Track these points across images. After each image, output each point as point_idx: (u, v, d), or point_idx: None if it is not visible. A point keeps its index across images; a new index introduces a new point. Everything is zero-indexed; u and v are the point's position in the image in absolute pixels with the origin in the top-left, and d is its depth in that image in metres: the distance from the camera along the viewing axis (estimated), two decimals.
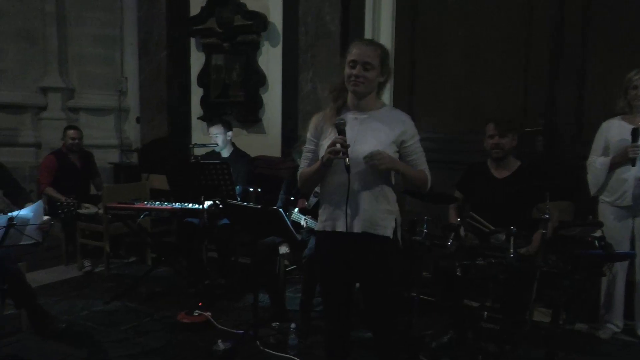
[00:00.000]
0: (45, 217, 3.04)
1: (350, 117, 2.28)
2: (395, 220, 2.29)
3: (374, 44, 2.26)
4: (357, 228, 2.24)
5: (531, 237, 3.00)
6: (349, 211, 2.22)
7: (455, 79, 4.66)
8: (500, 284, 2.70)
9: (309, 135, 2.42)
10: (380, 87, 2.29)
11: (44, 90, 6.31)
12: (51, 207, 3.50)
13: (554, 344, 2.75)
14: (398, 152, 2.26)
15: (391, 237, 2.26)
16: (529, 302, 2.65)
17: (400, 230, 2.32)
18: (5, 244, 2.86)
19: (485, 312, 2.69)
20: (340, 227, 2.26)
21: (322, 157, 2.22)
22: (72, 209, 3.49)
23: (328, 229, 2.31)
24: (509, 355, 2.71)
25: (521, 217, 3.04)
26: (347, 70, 2.24)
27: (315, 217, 3.60)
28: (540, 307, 3.36)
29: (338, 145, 2.14)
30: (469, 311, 2.99)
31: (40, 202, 3.06)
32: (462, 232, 2.98)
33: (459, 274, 2.75)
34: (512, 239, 2.66)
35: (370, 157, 2.16)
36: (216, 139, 4.45)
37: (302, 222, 3.66)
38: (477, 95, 4.57)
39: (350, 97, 2.31)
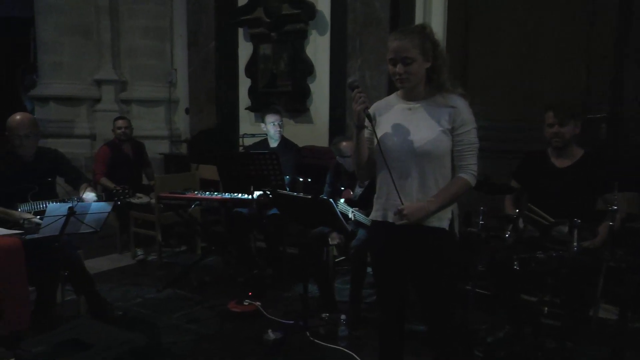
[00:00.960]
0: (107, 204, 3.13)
1: (402, 107, 2.23)
2: (452, 211, 2.21)
3: (409, 34, 2.14)
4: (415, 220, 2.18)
5: (595, 229, 2.85)
6: (399, 202, 2.17)
7: (511, 64, 4.49)
8: (561, 278, 2.58)
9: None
10: (435, 70, 2.19)
11: (98, 83, 6.50)
12: (107, 197, 3.60)
13: (621, 342, 2.61)
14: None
15: (447, 229, 2.19)
16: (594, 298, 2.52)
17: (457, 222, 2.25)
18: (66, 231, 2.95)
19: (546, 308, 2.58)
20: (392, 217, 2.21)
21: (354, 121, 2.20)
22: (127, 196, 3.57)
23: (379, 218, 2.28)
24: (570, 353, 2.60)
25: (584, 209, 2.89)
26: (389, 67, 2.18)
27: (362, 208, 3.57)
28: (606, 303, 3.20)
29: (356, 93, 2.12)
30: (526, 306, 2.88)
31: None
32: (520, 223, 2.87)
33: (516, 267, 2.66)
34: (575, 232, 2.53)
35: (399, 216, 2.14)
36: (273, 127, 4.45)
37: (350, 215, 3.63)
38: (534, 81, 4.39)
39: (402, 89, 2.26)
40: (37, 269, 3.08)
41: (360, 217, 3.56)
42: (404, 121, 2.20)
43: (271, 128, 4.49)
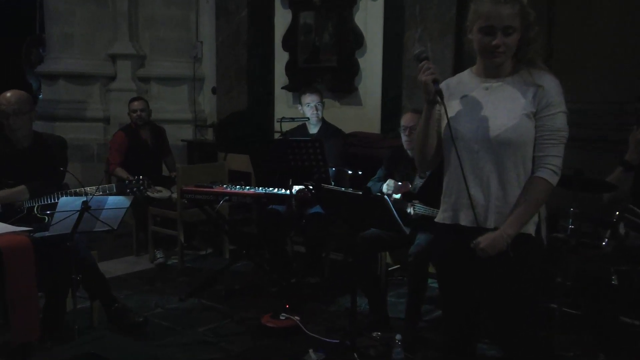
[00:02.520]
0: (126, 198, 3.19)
1: (478, 85, 2.19)
2: (539, 213, 2.15)
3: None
4: (487, 222, 2.14)
5: None
6: (475, 200, 2.12)
7: (607, 39, 4.34)
8: None
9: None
10: (526, 42, 2.12)
11: (113, 58, 6.64)
12: (118, 189, 3.67)
13: None
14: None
15: (533, 234, 2.13)
16: None
17: (545, 226, 2.19)
18: (79, 229, 3.03)
19: None
20: (465, 219, 2.17)
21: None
22: (141, 188, 3.62)
23: (448, 221, 2.23)
24: None
25: None
26: (478, 37, 2.11)
27: (423, 202, 3.52)
28: None
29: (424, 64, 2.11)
30: (625, 330, 2.79)
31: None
32: (621, 229, 2.77)
33: (614, 282, 2.58)
34: None
35: (475, 250, 2.12)
36: (310, 110, 4.45)
37: (409, 210, 3.58)
38: (634, 59, 4.24)
39: (480, 61, 2.20)
40: (46, 271, 3.16)
41: (422, 209, 3.53)
42: (480, 103, 2.15)
43: (307, 111, 4.49)
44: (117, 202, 3.15)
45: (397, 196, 3.77)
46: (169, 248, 5.16)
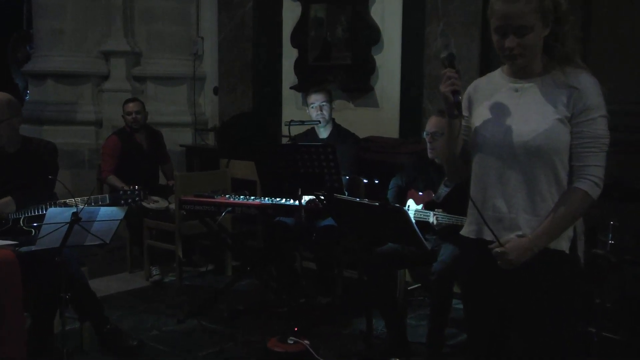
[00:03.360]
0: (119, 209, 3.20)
1: (507, 86, 2.18)
2: (575, 227, 2.13)
3: None
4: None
5: None
6: (499, 214, 2.12)
7: None
8: None
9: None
10: (557, 38, 2.09)
11: (106, 55, 6.69)
12: (111, 199, 3.68)
13: None
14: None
15: (567, 251, 2.11)
16: None
17: (582, 242, 2.17)
18: (68, 243, 3.03)
19: None
20: (489, 234, 2.16)
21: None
22: (136, 198, 3.64)
23: (472, 235, 2.23)
24: None
25: None
26: (494, 38, 2.11)
27: (447, 211, 3.51)
28: None
29: (446, 72, 2.11)
30: None
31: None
32: None
33: None
34: None
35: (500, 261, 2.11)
36: (315, 111, 4.44)
37: (431, 219, 3.57)
38: None
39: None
40: (32, 289, 3.17)
41: (446, 218, 3.53)
42: (509, 106, 2.14)
43: (313, 112, 4.49)
44: (109, 214, 3.16)
45: (419, 207, 3.76)
46: (166, 264, 5.16)
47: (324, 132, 4.57)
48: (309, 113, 4.54)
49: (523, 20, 2.02)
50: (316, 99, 4.49)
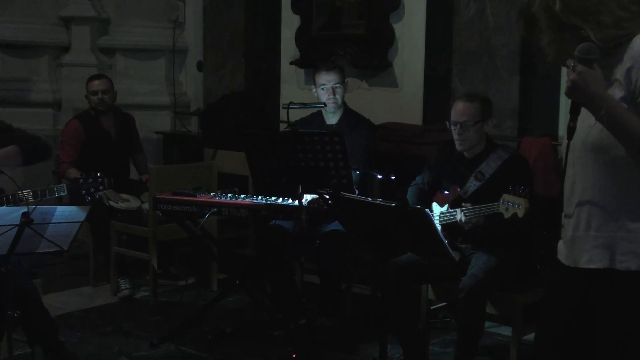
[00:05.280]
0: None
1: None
2: None
3: None
4: (583, 260, 2.16)
5: None
6: (569, 231, 2.18)
7: None
8: None
9: None
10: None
11: (66, 22, 6.70)
12: (70, 190, 3.68)
13: None
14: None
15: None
16: None
17: None
18: (17, 250, 3.04)
19: None
20: (563, 255, 2.24)
21: None
22: (100, 187, 3.64)
23: (559, 254, 2.29)
24: None
25: None
26: None
27: (477, 203, 3.53)
28: None
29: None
30: None
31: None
32: None
33: None
34: None
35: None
36: (326, 93, 4.45)
37: (458, 217, 3.60)
38: None
39: None
40: None
41: (475, 211, 3.56)
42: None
43: (322, 94, 4.50)
44: (68, 215, 3.17)
45: (443, 208, 3.78)
46: (138, 276, 5.20)
47: (332, 118, 4.58)
48: (317, 94, 4.55)
49: None
50: (328, 80, 4.50)
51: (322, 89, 4.51)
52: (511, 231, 3.57)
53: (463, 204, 3.65)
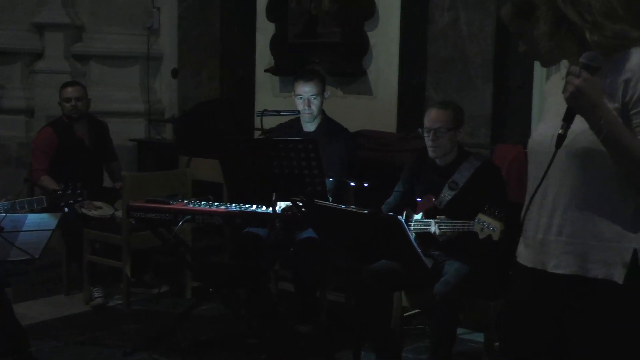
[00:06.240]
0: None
1: (560, 73, 2.23)
2: (636, 252, 2.09)
3: None
4: (551, 264, 2.16)
5: None
6: (539, 234, 2.18)
7: None
8: None
9: None
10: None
11: (40, 29, 6.67)
12: (49, 202, 3.67)
13: None
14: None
15: (620, 282, 2.08)
16: None
17: None
18: None
19: None
20: (530, 259, 2.23)
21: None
22: (78, 199, 3.62)
23: (519, 257, 2.30)
24: None
25: None
26: None
27: (450, 217, 3.54)
28: None
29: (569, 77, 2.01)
30: None
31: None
32: None
33: None
34: None
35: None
36: (302, 103, 4.46)
37: (433, 229, 3.61)
38: None
39: None
40: None
41: (450, 225, 3.57)
42: (556, 98, 2.16)
43: (299, 104, 4.50)
44: (39, 222, 3.15)
45: (418, 216, 3.79)
46: (111, 284, 5.16)
47: (310, 126, 4.57)
48: (296, 103, 4.55)
49: None
50: (305, 91, 4.49)
51: (299, 98, 4.50)
52: (484, 252, 3.60)
53: (437, 216, 3.66)
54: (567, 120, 2.03)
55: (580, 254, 2.12)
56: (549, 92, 2.32)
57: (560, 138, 2.03)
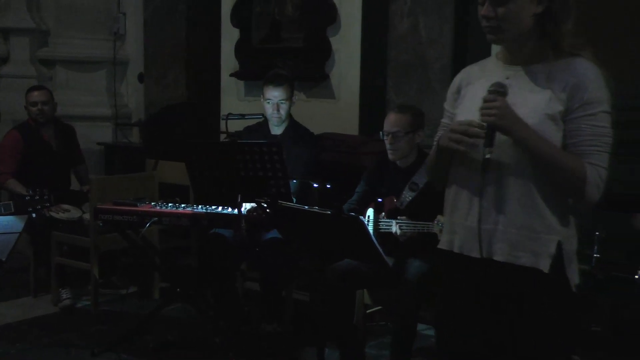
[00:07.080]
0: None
1: (501, 74, 2.24)
2: (560, 243, 2.18)
3: None
4: (492, 252, 2.21)
5: None
6: (481, 225, 2.20)
7: None
8: None
9: (445, 103, 2.47)
10: (551, 18, 2.13)
11: (5, 33, 6.62)
12: (16, 207, 3.65)
13: None
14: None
15: (546, 271, 2.17)
16: None
17: (574, 263, 2.24)
18: None
19: None
20: (467, 248, 2.27)
21: (438, 140, 2.25)
22: (46, 204, 3.61)
23: (445, 246, 2.34)
24: None
25: None
26: (479, 9, 2.20)
27: (411, 217, 3.60)
28: None
29: (470, 129, 2.13)
30: None
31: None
32: None
33: None
34: None
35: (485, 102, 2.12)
36: (271, 107, 4.46)
37: (394, 229, 3.67)
38: None
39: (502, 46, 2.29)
40: None
41: (410, 226, 3.62)
42: (476, 86, 2.26)
43: (267, 108, 4.51)
44: (5, 225, 3.13)
45: (380, 216, 3.84)
46: (79, 286, 5.14)
47: (277, 129, 4.57)
48: (263, 105, 4.55)
49: None
50: (274, 96, 4.45)
51: (268, 102, 4.50)
52: None
53: (399, 217, 3.70)
54: (489, 144, 2.11)
55: (512, 243, 2.18)
56: (474, 79, 2.34)
57: (487, 162, 2.11)
